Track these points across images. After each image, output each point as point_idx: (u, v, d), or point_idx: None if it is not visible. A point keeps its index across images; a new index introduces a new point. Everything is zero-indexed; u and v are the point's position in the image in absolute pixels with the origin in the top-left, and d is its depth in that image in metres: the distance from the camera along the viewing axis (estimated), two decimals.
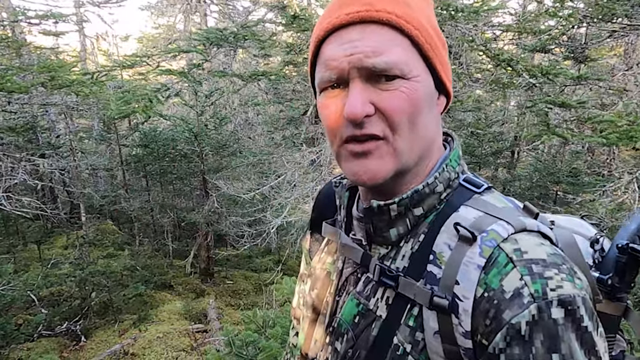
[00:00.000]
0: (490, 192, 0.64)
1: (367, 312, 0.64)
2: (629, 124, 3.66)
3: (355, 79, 0.58)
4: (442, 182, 0.63)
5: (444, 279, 0.56)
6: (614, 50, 10.68)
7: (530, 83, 4.00)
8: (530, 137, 3.99)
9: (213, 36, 4.45)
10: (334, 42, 0.59)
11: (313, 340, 0.76)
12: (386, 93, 0.57)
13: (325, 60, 0.60)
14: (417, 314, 0.58)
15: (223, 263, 9.45)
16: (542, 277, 0.50)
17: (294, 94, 7.76)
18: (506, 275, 0.51)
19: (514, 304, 0.49)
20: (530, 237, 0.55)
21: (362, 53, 0.56)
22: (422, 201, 0.63)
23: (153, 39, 17.40)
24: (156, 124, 10.85)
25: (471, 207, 0.60)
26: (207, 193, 8.44)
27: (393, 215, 0.63)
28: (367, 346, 0.62)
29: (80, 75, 6.98)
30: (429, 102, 0.61)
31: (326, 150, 5.67)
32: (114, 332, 6.19)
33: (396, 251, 0.64)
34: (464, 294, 0.54)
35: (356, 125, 0.58)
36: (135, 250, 9.11)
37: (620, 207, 4.69)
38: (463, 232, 0.56)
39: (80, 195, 9.27)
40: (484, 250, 0.54)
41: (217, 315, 6.72)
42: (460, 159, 0.68)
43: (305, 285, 0.83)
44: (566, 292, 0.49)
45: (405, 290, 0.59)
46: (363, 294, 0.66)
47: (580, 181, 7.85)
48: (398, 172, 0.61)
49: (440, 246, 0.58)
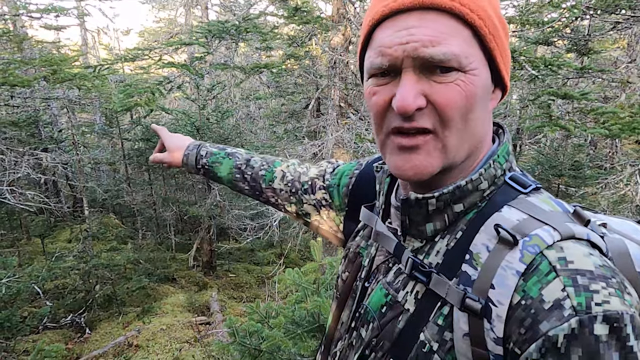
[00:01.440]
0: (538, 193, 0.60)
1: (395, 304, 0.63)
2: (631, 115, 3.65)
3: (408, 69, 0.55)
4: (487, 179, 0.60)
5: (478, 281, 0.53)
6: (617, 43, 10.61)
7: (533, 75, 3.99)
8: (533, 129, 3.99)
9: (215, 29, 4.44)
10: (390, 28, 0.56)
11: (340, 321, 0.76)
12: (440, 86, 0.55)
13: (379, 46, 0.57)
14: (448, 314, 0.56)
15: (225, 256, 9.50)
16: (588, 290, 0.47)
17: (295, 87, 7.76)
18: (547, 285, 0.49)
19: (552, 315, 0.47)
20: (577, 246, 0.51)
21: (419, 42, 0.53)
22: (464, 198, 0.60)
23: (154, 32, 17.37)
24: (158, 118, 10.87)
25: (515, 208, 0.57)
26: (209, 187, 8.46)
27: (431, 209, 0.61)
28: (391, 338, 0.61)
29: (82, 69, 6.98)
30: (484, 96, 0.58)
31: (328, 144, 5.68)
32: (118, 324, 6.24)
33: (430, 246, 0.62)
34: (498, 299, 0.51)
35: (406, 117, 0.55)
36: (139, 244, 9.16)
37: (623, 200, 4.70)
38: (504, 234, 0.53)
39: (83, 189, 9.30)
40: (525, 255, 0.51)
41: (220, 308, 6.77)
42: (509, 155, 0.64)
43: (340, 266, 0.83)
44: (613, 308, 0.46)
45: (436, 288, 0.57)
46: (393, 285, 0.65)
47: (582, 174, 7.84)
48: (445, 168, 0.59)
49: (478, 247, 0.56)
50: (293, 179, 1.00)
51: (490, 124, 0.64)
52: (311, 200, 0.96)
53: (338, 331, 0.76)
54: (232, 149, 1.12)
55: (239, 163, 1.08)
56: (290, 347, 2.44)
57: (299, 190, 0.98)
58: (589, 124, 4.43)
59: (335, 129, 5.48)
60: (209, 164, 1.10)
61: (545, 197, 0.60)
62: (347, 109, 5.94)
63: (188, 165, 1.14)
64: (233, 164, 1.08)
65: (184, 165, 1.15)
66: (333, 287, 0.97)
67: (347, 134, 5.41)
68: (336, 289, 0.81)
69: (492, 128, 0.65)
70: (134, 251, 8.16)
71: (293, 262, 8.56)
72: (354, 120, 5.27)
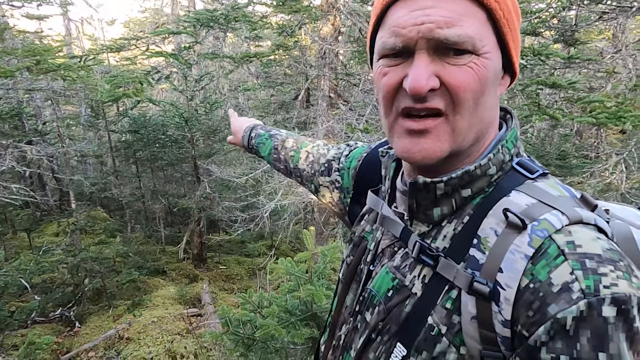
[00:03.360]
0: (545, 179, 0.60)
1: (402, 288, 0.63)
2: (617, 105, 3.72)
3: (422, 50, 0.54)
4: (495, 165, 0.60)
5: (487, 265, 0.54)
6: (603, 34, 10.73)
7: (522, 65, 4.03)
8: (521, 118, 4.04)
9: (203, 17, 4.38)
10: (404, 8, 0.55)
11: (344, 305, 0.76)
12: (454, 68, 0.54)
13: (392, 26, 0.56)
14: (456, 297, 0.56)
15: (216, 248, 9.47)
16: (596, 273, 0.47)
17: (285, 77, 7.71)
18: (556, 268, 0.49)
19: (561, 298, 0.47)
20: (585, 230, 0.52)
21: (434, 23, 0.53)
22: (472, 183, 0.60)
23: (140, 22, 17.07)
24: (145, 110, 10.72)
25: (524, 193, 0.57)
26: (198, 179, 8.40)
27: (439, 194, 0.60)
28: (398, 322, 0.62)
29: (67, 60, 6.83)
30: (495, 81, 0.58)
31: (318, 134, 5.67)
32: (109, 318, 6.20)
33: (437, 230, 0.62)
34: (507, 283, 0.52)
35: (419, 98, 0.55)
36: (127, 237, 9.08)
37: (608, 188, 4.79)
38: (512, 218, 0.53)
39: (70, 182, 9.16)
40: (533, 239, 0.51)
41: (211, 300, 6.76)
42: (517, 140, 0.63)
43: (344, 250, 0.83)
44: (621, 290, 0.46)
45: (444, 272, 0.58)
46: (400, 269, 0.65)
47: (569, 164, 7.95)
48: (453, 152, 0.59)
49: (486, 231, 0.56)
50: (314, 160, 1.03)
51: (498, 109, 0.64)
52: (326, 182, 0.99)
53: (342, 315, 0.76)
54: (276, 130, 1.17)
55: (276, 144, 1.12)
56: (284, 335, 2.46)
57: (317, 172, 1.01)
58: (576, 113, 4.50)
59: (325, 120, 5.47)
60: (255, 145, 1.17)
61: (552, 182, 0.60)
62: (337, 100, 5.93)
63: (245, 146, 1.21)
64: (272, 144, 1.13)
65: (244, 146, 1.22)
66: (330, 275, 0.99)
67: (338, 125, 5.40)
68: (341, 273, 0.81)
69: (499, 113, 0.65)
70: (123, 244, 8.09)
71: (284, 253, 8.57)
72: (344, 111, 5.27)
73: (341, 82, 6.25)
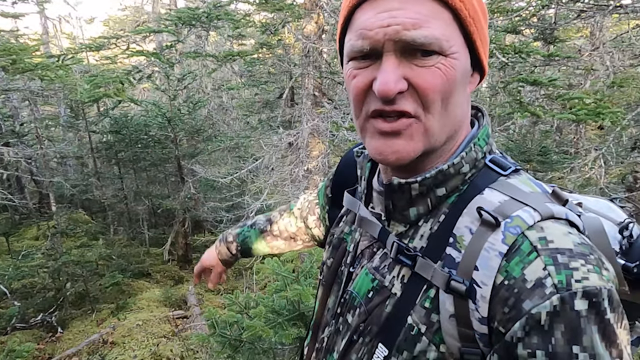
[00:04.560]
0: (517, 175, 0.61)
1: (382, 288, 0.63)
2: (595, 101, 3.79)
3: (390, 52, 0.54)
4: (468, 163, 0.60)
5: (462, 263, 0.55)
6: (581, 32, 10.95)
7: (503, 62, 4.08)
8: (504, 115, 4.09)
9: (185, 16, 4.31)
10: (371, 10, 0.55)
11: (326, 307, 0.76)
12: (422, 69, 0.54)
13: (359, 28, 0.56)
14: (434, 296, 0.57)
15: (201, 249, 9.35)
16: (567, 267, 0.49)
17: (269, 76, 7.66)
18: (529, 264, 0.50)
19: (535, 294, 0.48)
20: (557, 225, 0.53)
21: (400, 25, 0.53)
22: (446, 181, 0.60)
23: (120, 21, 16.77)
24: (127, 110, 10.54)
25: (496, 190, 0.58)
26: (182, 179, 8.30)
27: (414, 194, 0.61)
28: (379, 322, 0.62)
29: (44, 59, 6.67)
30: (463, 80, 0.58)
31: (303, 133, 5.65)
32: (92, 322, 6.09)
33: (414, 230, 0.63)
34: (482, 280, 0.52)
35: (388, 101, 0.55)
36: (110, 240, 8.92)
37: (588, 183, 4.90)
38: (486, 216, 0.54)
39: (49, 185, 8.94)
40: (507, 237, 0.52)
41: (197, 301, 6.70)
42: (489, 138, 0.64)
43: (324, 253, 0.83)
44: (592, 283, 0.48)
45: (422, 271, 0.58)
46: (379, 270, 0.65)
47: (549, 159, 8.09)
48: (426, 152, 0.59)
49: (461, 229, 0.57)
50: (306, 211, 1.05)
51: (469, 108, 0.65)
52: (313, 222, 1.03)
53: (325, 317, 0.76)
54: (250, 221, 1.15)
55: (262, 226, 1.11)
56: (272, 336, 2.44)
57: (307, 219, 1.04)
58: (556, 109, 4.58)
59: (310, 118, 5.45)
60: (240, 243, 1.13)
61: (524, 178, 0.61)
62: (321, 98, 5.91)
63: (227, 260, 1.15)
64: (258, 229, 1.11)
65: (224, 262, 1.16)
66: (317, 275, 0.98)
67: (323, 123, 5.40)
68: (321, 275, 0.81)
69: (470, 111, 0.66)
70: (106, 247, 7.94)
71: None
72: (329, 109, 5.26)
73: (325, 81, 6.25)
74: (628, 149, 6.59)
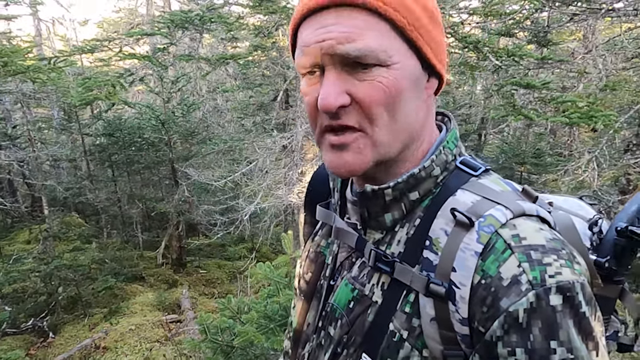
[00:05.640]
0: (488, 175, 0.62)
1: (363, 297, 0.63)
2: (588, 105, 3.80)
3: (329, 67, 0.55)
4: (439, 165, 0.61)
5: (440, 265, 0.55)
6: (574, 35, 11.03)
7: (497, 65, 4.08)
8: (498, 118, 4.09)
9: (178, 18, 4.29)
10: (309, 27, 0.56)
11: (306, 323, 0.75)
12: (363, 83, 0.54)
13: (301, 45, 0.57)
14: (414, 301, 0.57)
15: (195, 252, 9.32)
16: (541, 263, 0.49)
17: (263, 79, 7.65)
18: (504, 262, 0.50)
19: (511, 291, 0.49)
20: (529, 222, 0.54)
21: (334, 39, 0.53)
22: (418, 185, 0.60)
23: (114, 23, 16.71)
24: (120, 112, 10.48)
25: (468, 191, 0.58)
26: (176, 182, 8.26)
27: (388, 200, 0.61)
28: (362, 332, 0.61)
29: (37, 61, 6.61)
30: (413, 87, 0.58)
31: (297, 136, 5.64)
32: (84, 327, 6.03)
33: (391, 236, 0.63)
34: (460, 281, 0.53)
35: (332, 115, 0.56)
36: (104, 243, 8.86)
37: (581, 185, 4.91)
38: (460, 217, 0.54)
39: (42, 188, 8.87)
40: (481, 236, 0.53)
41: (191, 305, 6.65)
42: (457, 141, 0.65)
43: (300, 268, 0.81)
44: (565, 278, 0.49)
45: (401, 276, 0.58)
46: (358, 279, 0.65)
47: (543, 162, 8.14)
48: (378, 163, 0.59)
49: (437, 232, 0.57)
50: None
51: (430, 112, 0.64)
52: None
53: (305, 333, 0.74)
54: None
55: None
56: (263, 342, 2.41)
57: None
58: (549, 112, 4.59)
59: (304, 121, 5.44)
60: None
61: (494, 178, 0.62)
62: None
63: None
64: None
65: None
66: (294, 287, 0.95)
67: None
68: (299, 290, 0.80)
69: (433, 116, 0.65)
70: (99, 250, 7.89)
71: (265, 256, 8.50)
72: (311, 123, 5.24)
73: None
74: (621, 151, 6.62)
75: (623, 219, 0.68)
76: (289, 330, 0.90)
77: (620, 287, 0.68)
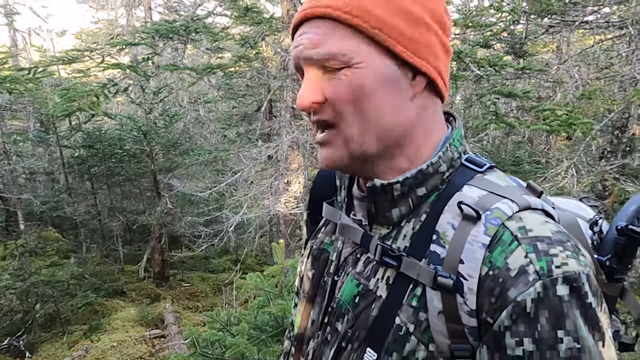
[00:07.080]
0: (493, 172, 0.64)
1: (367, 292, 0.64)
2: (567, 113, 3.93)
3: (306, 69, 0.61)
4: (445, 162, 0.63)
5: (448, 258, 0.56)
6: (548, 47, 11.41)
7: (478, 75, 4.19)
8: (480, 126, 4.19)
9: (162, 28, 4.26)
10: (295, 37, 0.63)
11: (310, 320, 0.75)
12: (331, 82, 0.60)
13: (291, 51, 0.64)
14: (421, 294, 0.58)
15: (179, 266, 9.14)
16: (547, 254, 0.51)
17: (247, 89, 7.65)
18: (511, 254, 0.52)
19: (519, 281, 0.50)
20: (534, 215, 0.56)
21: (302, 45, 0.60)
22: (426, 181, 0.62)
23: (93, 34, 16.48)
24: (100, 124, 10.28)
25: (475, 186, 0.60)
26: (159, 194, 8.12)
27: (396, 194, 0.63)
28: (366, 326, 0.62)
29: (14, 72, 6.45)
30: (383, 85, 0.59)
31: (283, 145, 5.63)
32: (63, 345, 5.82)
33: (397, 231, 0.64)
34: (469, 273, 0.54)
35: (310, 112, 0.62)
36: (83, 258, 8.60)
37: (561, 192, 5.04)
38: (467, 210, 0.56)
39: (18, 202, 8.58)
40: (488, 228, 0.54)
41: (175, 319, 6.50)
42: (462, 139, 0.68)
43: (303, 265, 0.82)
44: (571, 269, 0.50)
45: (407, 270, 0.59)
46: (363, 274, 0.66)
47: (522, 169, 8.31)
48: (355, 158, 0.62)
49: (444, 226, 0.58)
50: None
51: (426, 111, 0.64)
52: None
53: (309, 330, 0.75)
54: None
55: None
56: (255, 353, 2.38)
57: None
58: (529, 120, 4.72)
59: (289, 131, 5.44)
60: None
61: (500, 174, 0.64)
62: (300, 111, 5.92)
63: None
64: None
65: None
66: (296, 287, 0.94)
67: (302, 136, 5.40)
68: (301, 288, 0.80)
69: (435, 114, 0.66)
70: (78, 265, 7.65)
71: (250, 267, 8.39)
72: (308, 122, 5.27)
73: None
74: (597, 158, 6.84)
75: (623, 219, 0.70)
76: (289, 330, 0.90)
77: (620, 285, 0.70)
